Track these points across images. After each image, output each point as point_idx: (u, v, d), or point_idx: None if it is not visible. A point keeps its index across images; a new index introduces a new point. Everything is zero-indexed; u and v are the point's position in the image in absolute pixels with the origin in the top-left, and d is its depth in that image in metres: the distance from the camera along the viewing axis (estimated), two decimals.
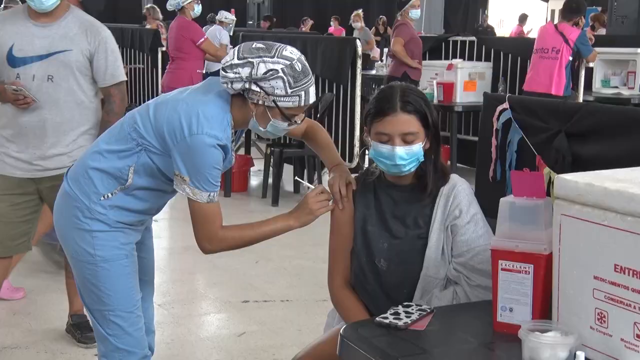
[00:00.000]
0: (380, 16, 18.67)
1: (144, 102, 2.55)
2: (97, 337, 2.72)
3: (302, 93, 2.44)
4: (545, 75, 7.27)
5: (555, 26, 7.51)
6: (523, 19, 18.81)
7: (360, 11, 15.25)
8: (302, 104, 2.46)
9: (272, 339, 4.16)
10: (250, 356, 3.96)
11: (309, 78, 2.46)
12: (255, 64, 2.39)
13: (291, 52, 2.45)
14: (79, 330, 4.00)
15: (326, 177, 3.87)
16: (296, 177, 2.61)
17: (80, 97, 3.67)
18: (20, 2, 4.26)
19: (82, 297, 2.71)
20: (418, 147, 2.42)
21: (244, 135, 2.79)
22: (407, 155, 2.41)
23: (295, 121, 2.52)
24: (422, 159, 2.44)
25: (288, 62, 2.41)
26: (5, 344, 4.03)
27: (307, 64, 2.48)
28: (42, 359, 3.90)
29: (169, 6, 7.82)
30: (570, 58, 7.27)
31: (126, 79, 3.88)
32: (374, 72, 11.31)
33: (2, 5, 7.05)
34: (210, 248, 2.54)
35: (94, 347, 3.85)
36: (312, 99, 2.49)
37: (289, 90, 2.41)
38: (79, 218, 2.57)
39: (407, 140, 2.41)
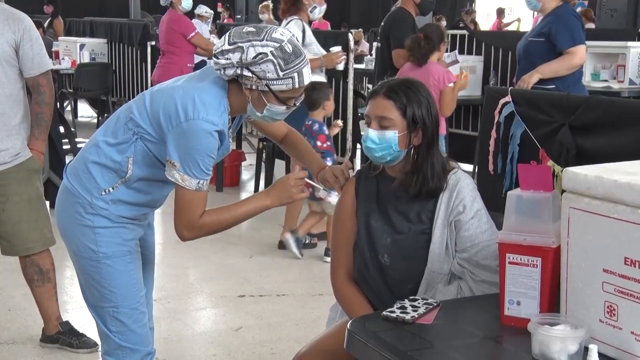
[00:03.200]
0: None
1: (134, 97, 2.56)
2: (100, 334, 2.69)
3: (295, 75, 2.40)
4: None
5: None
6: (500, 12, 19.13)
7: (268, 2, 14.50)
8: (297, 85, 2.42)
9: (270, 334, 4.16)
10: (247, 350, 3.96)
11: (302, 59, 2.42)
12: (245, 48, 2.37)
13: (281, 33, 2.41)
14: (75, 336, 3.90)
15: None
16: (309, 181, 2.60)
17: (9, 89, 3.59)
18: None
19: (84, 294, 2.68)
20: (392, 135, 2.42)
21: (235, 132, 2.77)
22: (379, 140, 2.42)
23: (294, 104, 2.50)
24: (396, 149, 2.43)
25: (277, 45, 2.37)
26: (2, 340, 4.01)
27: (299, 45, 2.44)
28: (40, 354, 3.89)
29: (162, 1, 7.82)
30: None
31: (53, 67, 3.79)
32: (363, 65, 11.30)
33: None
34: (189, 236, 2.51)
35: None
36: (307, 79, 2.45)
37: (281, 73, 2.38)
38: (80, 214, 2.55)
39: (382, 125, 2.43)
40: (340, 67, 6.11)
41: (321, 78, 5.74)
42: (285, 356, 3.74)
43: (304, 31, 5.58)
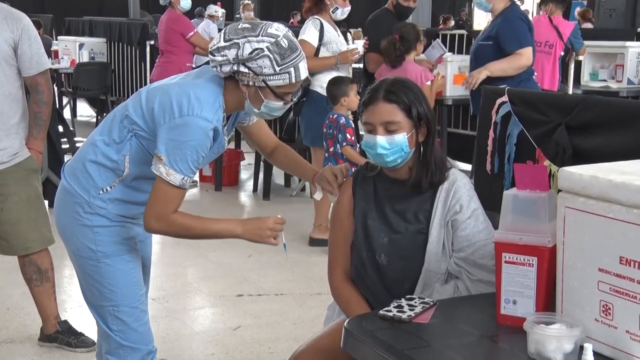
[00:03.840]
0: None
1: None
2: (101, 334, 2.70)
3: (292, 69, 2.41)
4: (536, 68, 7.29)
5: (550, 19, 7.52)
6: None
7: (249, 2, 13.95)
8: (294, 80, 2.43)
9: (268, 333, 4.17)
10: (246, 350, 3.96)
11: (298, 53, 2.43)
12: (240, 44, 2.37)
13: (277, 29, 2.42)
14: (73, 335, 3.91)
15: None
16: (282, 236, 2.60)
17: (8, 88, 3.59)
18: None
19: (84, 294, 2.69)
20: (401, 138, 2.42)
21: (233, 130, 2.79)
22: (389, 144, 2.41)
23: (292, 99, 2.51)
24: (407, 150, 2.44)
25: (273, 40, 2.38)
26: (0, 339, 4.03)
27: (294, 40, 2.45)
28: (38, 352, 3.90)
29: (162, 0, 7.83)
30: (562, 53, 7.32)
31: (51, 66, 3.79)
32: (362, 65, 11.28)
33: None
34: (157, 227, 2.46)
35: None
36: (304, 74, 2.46)
37: (277, 68, 2.39)
38: (79, 214, 2.55)
39: (389, 129, 2.42)
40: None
41: (342, 73, 5.72)
42: (283, 355, 3.75)
43: (321, 30, 5.64)
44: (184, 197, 2.48)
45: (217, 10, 11.24)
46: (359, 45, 5.73)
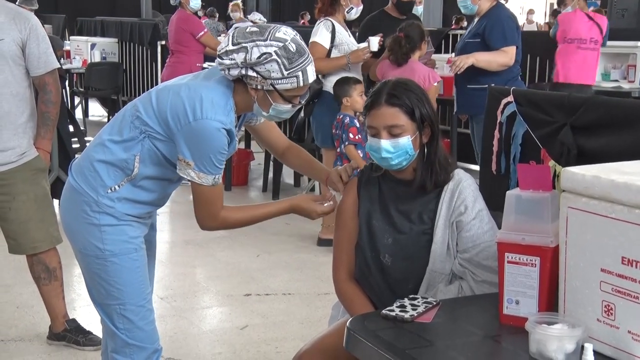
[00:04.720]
0: None
1: None
2: (107, 333, 2.70)
3: (300, 73, 2.42)
4: (587, 66, 7.29)
5: (588, 15, 7.48)
6: None
7: (238, 1, 13.77)
8: (302, 84, 2.44)
9: (275, 332, 4.17)
10: (253, 349, 3.97)
11: (306, 57, 2.44)
12: (249, 48, 2.38)
13: (285, 32, 2.43)
14: (81, 333, 3.93)
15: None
16: None
17: (16, 88, 3.60)
18: None
19: (90, 293, 2.70)
20: (405, 141, 2.42)
21: (243, 129, 2.81)
22: (394, 148, 2.42)
23: (300, 102, 2.52)
24: (412, 152, 2.44)
25: (281, 44, 2.39)
26: (10, 337, 4.05)
27: (302, 43, 2.45)
28: (47, 351, 3.91)
29: (172, 0, 7.87)
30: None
31: (59, 65, 3.82)
32: None
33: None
34: (212, 226, 2.58)
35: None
36: (312, 78, 2.47)
37: (285, 72, 2.40)
38: (86, 212, 2.56)
39: (393, 133, 2.43)
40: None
41: (353, 74, 5.68)
42: (290, 355, 3.73)
43: (333, 32, 5.62)
44: (222, 189, 2.57)
45: (261, 18, 11.28)
46: (374, 41, 5.65)
